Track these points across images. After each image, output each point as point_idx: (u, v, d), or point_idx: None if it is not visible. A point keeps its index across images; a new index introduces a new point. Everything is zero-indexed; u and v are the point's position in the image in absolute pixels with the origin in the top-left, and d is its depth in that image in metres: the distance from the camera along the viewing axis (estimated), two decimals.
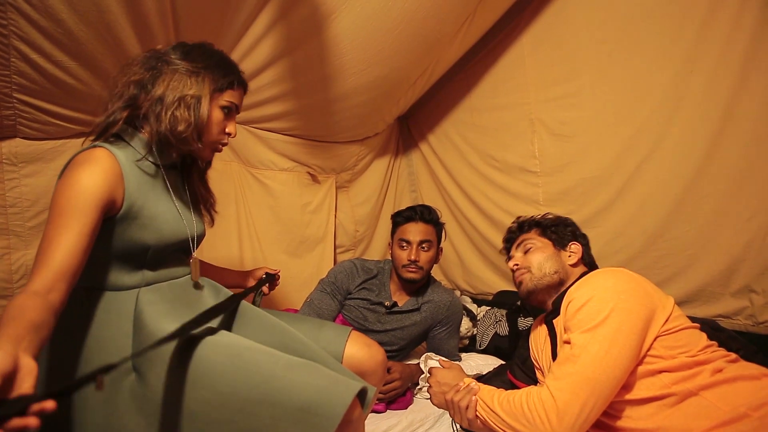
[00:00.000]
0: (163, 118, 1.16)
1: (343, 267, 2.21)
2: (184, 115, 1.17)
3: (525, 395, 1.17)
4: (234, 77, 1.26)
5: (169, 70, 1.19)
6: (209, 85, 1.21)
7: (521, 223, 1.62)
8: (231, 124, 1.29)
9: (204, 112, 1.20)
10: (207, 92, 1.20)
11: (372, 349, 1.38)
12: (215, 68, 1.23)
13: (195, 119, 1.19)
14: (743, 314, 1.97)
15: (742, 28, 1.85)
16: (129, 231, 1.14)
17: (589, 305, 1.21)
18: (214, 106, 1.23)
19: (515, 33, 2.53)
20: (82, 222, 1.01)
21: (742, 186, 1.92)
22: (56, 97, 1.70)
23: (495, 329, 2.57)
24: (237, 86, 1.27)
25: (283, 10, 1.87)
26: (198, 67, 1.20)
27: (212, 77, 1.21)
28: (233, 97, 1.26)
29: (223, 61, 1.26)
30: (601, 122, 2.28)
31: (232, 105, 1.27)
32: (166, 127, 1.16)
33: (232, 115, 1.29)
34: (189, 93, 1.18)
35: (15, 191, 1.79)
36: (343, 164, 2.82)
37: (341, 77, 2.20)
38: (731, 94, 1.90)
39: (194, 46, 1.26)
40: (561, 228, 1.54)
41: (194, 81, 1.19)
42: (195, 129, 1.19)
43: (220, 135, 1.28)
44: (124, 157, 1.14)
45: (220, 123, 1.26)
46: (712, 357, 1.20)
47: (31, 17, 1.46)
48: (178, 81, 1.18)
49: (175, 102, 1.17)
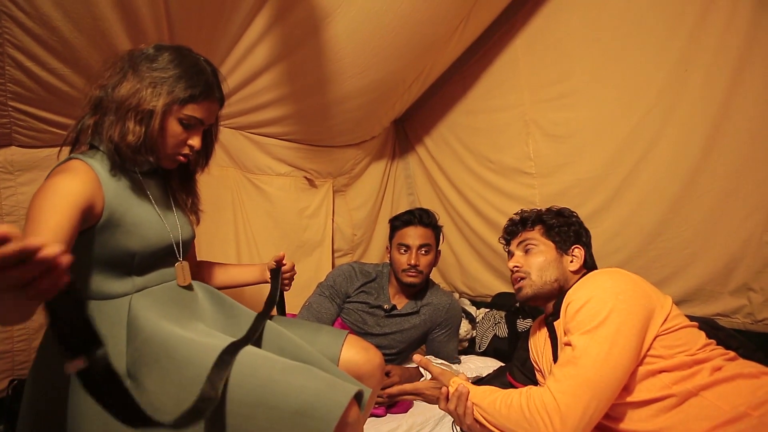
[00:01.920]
0: (114, 126, 1.13)
1: (342, 270, 2.21)
2: (135, 127, 1.12)
3: (525, 398, 1.16)
4: (198, 90, 1.17)
5: (133, 76, 1.14)
6: (165, 98, 1.13)
7: (525, 218, 1.55)
8: (194, 138, 1.21)
9: (154, 126, 1.14)
10: (161, 105, 1.13)
11: (369, 353, 1.37)
12: (180, 80, 1.15)
13: (145, 132, 1.13)
14: (742, 312, 1.97)
15: (736, 27, 1.86)
16: (113, 239, 1.13)
17: (588, 306, 1.21)
18: (170, 119, 1.17)
19: (509, 35, 2.54)
20: (62, 218, 0.98)
21: (738, 184, 1.92)
22: (51, 104, 1.70)
23: (494, 331, 2.56)
24: (202, 100, 1.18)
25: (277, 16, 1.87)
26: (160, 77, 1.14)
27: (172, 89, 1.14)
28: (195, 111, 1.18)
29: (193, 72, 1.17)
30: (596, 122, 2.28)
31: (193, 120, 1.19)
32: (119, 136, 1.13)
33: (194, 129, 1.21)
34: (144, 106, 1.12)
35: (11, 199, 1.79)
36: (339, 168, 2.82)
37: (337, 81, 2.20)
38: (726, 92, 1.91)
39: (167, 51, 1.18)
40: (565, 228, 1.48)
41: (151, 92, 1.13)
42: (145, 142, 1.14)
43: (179, 148, 1.21)
44: (100, 167, 1.14)
45: (178, 136, 1.19)
46: (710, 355, 1.19)
47: (26, 25, 1.46)
48: (137, 90, 1.13)
49: (128, 112, 1.12)
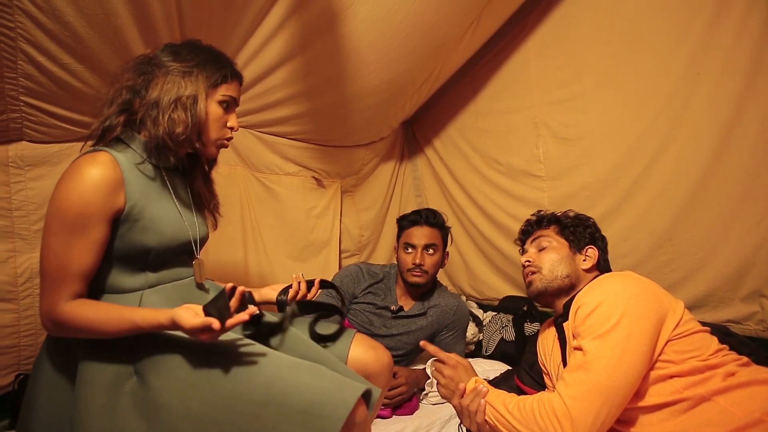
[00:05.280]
0: (160, 121, 1.15)
1: (349, 271, 2.21)
2: (181, 116, 1.15)
3: (537, 402, 1.15)
4: (227, 70, 1.23)
5: (161, 72, 1.17)
6: (203, 82, 1.19)
7: (540, 218, 1.57)
8: (232, 118, 1.27)
9: (201, 111, 1.18)
10: (202, 90, 1.18)
11: (378, 352, 1.37)
12: (207, 64, 1.20)
13: (192, 119, 1.17)
14: (753, 319, 1.94)
15: (749, 31, 1.84)
16: (130, 233, 1.13)
17: (599, 310, 1.19)
18: (210, 102, 1.21)
19: (520, 37, 2.53)
20: (93, 234, 1.08)
21: (750, 189, 1.90)
22: (63, 100, 1.70)
23: (501, 335, 2.55)
24: (231, 79, 1.24)
25: (288, 14, 1.87)
26: (189, 65, 1.18)
27: (205, 74, 1.19)
28: (229, 90, 1.24)
29: (213, 56, 1.23)
30: (606, 125, 2.26)
31: (230, 98, 1.24)
32: (165, 130, 1.15)
33: (231, 108, 1.27)
34: (184, 93, 1.16)
35: (21, 194, 1.79)
36: (348, 169, 2.81)
37: (347, 81, 2.20)
38: (738, 97, 1.88)
39: (182, 45, 1.24)
40: (580, 229, 1.49)
41: (188, 80, 1.17)
42: (194, 129, 1.18)
43: (223, 130, 1.26)
44: (125, 160, 1.14)
45: (220, 119, 1.24)
46: (723, 361, 1.18)
47: (38, 20, 1.46)
48: (171, 83, 1.16)
49: (171, 104, 1.15)
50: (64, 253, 1.05)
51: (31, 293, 1.81)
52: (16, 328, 1.82)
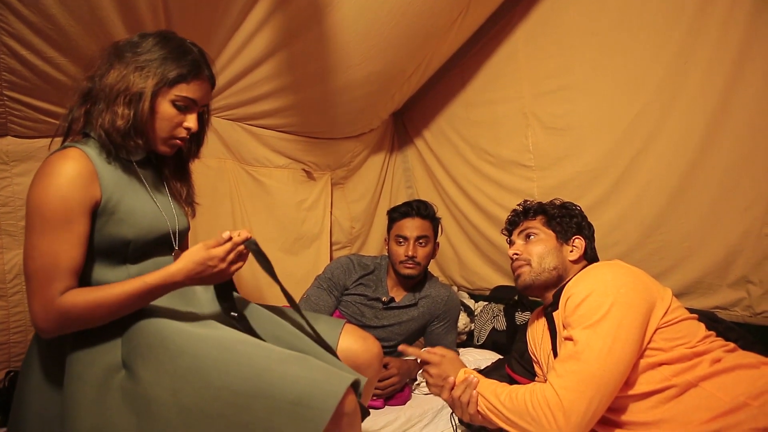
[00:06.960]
0: (104, 113, 1.13)
1: (340, 263, 2.21)
2: (124, 111, 1.13)
3: (528, 393, 1.16)
4: (186, 69, 1.17)
5: (120, 64, 1.15)
6: (153, 79, 1.14)
7: (527, 208, 1.55)
8: (190, 119, 1.21)
9: (144, 109, 1.14)
10: (151, 87, 1.14)
11: (367, 342, 1.37)
12: (167, 61, 1.15)
13: (135, 115, 1.13)
14: (740, 305, 1.97)
15: (736, 20, 1.85)
16: (107, 226, 1.13)
17: (589, 300, 1.20)
18: (161, 101, 1.17)
19: (509, 27, 2.53)
20: (77, 228, 1.07)
21: (738, 177, 1.92)
22: (47, 94, 1.68)
23: (492, 324, 2.56)
24: (192, 79, 1.18)
25: (275, 6, 1.86)
26: (146, 60, 1.14)
27: (161, 71, 1.14)
28: (186, 91, 1.18)
29: (179, 53, 1.17)
30: (596, 115, 2.27)
31: (185, 99, 1.18)
32: (108, 122, 1.13)
33: (189, 109, 1.21)
34: (132, 89, 1.13)
35: (7, 190, 1.78)
36: (338, 161, 2.81)
37: (336, 72, 2.19)
38: (726, 85, 1.90)
39: (151, 36, 1.18)
40: (566, 219, 1.48)
41: (138, 76, 1.13)
42: (135, 125, 1.14)
43: (176, 130, 1.21)
44: (95, 154, 1.13)
45: (172, 118, 1.19)
46: (710, 347, 1.19)
47: (21, 13, 1.44)
48: (123, 76, 1.13)
49: (117, 97, 1.13)
50: (52, 251, 1.04)
51: (20, 290, 1.80)
52: (5, 325, 1.81)
